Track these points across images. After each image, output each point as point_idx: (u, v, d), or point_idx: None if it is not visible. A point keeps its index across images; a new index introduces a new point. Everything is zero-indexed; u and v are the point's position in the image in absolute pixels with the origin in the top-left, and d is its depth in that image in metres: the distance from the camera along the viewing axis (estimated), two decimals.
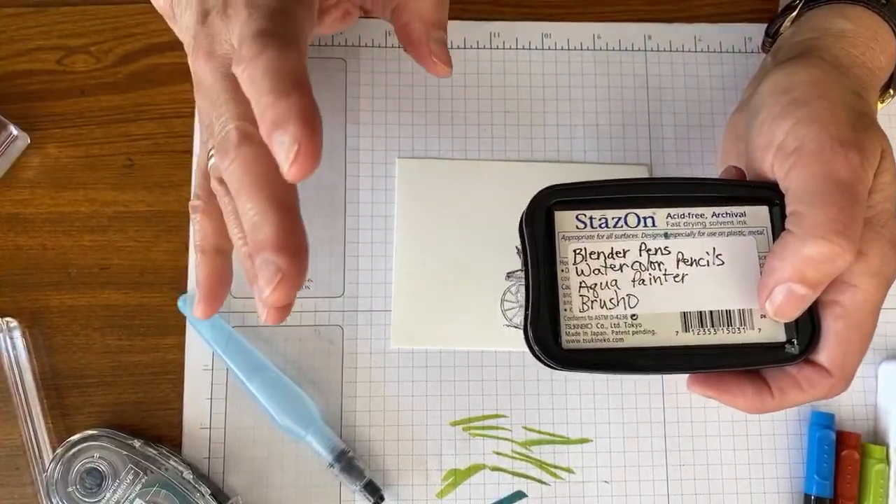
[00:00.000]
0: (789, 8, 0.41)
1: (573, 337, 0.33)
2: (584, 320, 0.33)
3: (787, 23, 0.41)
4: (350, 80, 0.47)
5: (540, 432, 0.44)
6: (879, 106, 0.41)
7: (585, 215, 0.34)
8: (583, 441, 0.44)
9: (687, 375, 0.35)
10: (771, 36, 0.43)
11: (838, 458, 0.43)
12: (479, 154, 0.46)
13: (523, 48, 0.48)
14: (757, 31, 0.49)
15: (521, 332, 0.34)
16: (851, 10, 0.39)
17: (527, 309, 0.33)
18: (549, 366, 0.33)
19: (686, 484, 0.44)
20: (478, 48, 0.48)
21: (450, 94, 0.47)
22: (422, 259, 0.45)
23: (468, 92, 0.47)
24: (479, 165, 0.46)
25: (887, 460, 0.43)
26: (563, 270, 0.34)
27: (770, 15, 0.44)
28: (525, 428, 0.44)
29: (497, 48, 0.48)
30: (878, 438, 0.44)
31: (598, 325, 0.33)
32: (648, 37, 0.49)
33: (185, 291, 0.44)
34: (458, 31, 0.48)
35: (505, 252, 0.45)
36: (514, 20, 0.48)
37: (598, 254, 0.34)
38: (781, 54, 0.40)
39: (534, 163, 0.46)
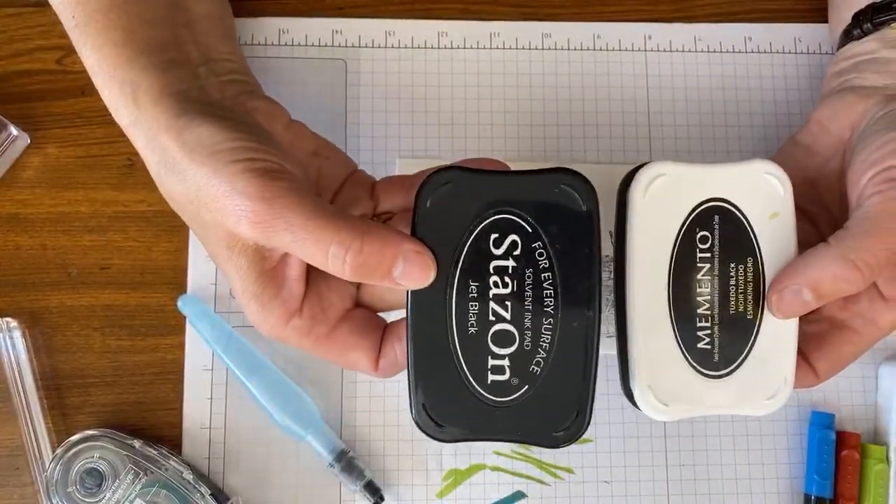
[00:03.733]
0: None
1: None
2: None
3: None
4: (350, 80, 0.47)
5: None
6: None
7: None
8: (583, 441, 0.44)
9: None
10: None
11: (838, 458, 0.43)
12: (479, 154, 0.46)
13: (523, 48, 0.48)
14: (757, 30, 0.49)
15: None
16: None
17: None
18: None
19: (686, 484, 0.44)
20: (478, 48, 0.48)
21: (450, 94, 0.47)
22: None
23: (468, 92, 0.47)
24: None
25: (887, 461, 0.43)
26: None
27: (767, 15, 0.43)
28: None
29: (497, 48, 0.48)
30: (878, 439, 0.44)
31: None
32: (648, 37, 0.48)
33: (185, 291, 0.44)
34: (458, 31, 0.48)
35: None
36: (514, 20, 0.48)
37: None
38: None
39: (534, 163, 0.46)
